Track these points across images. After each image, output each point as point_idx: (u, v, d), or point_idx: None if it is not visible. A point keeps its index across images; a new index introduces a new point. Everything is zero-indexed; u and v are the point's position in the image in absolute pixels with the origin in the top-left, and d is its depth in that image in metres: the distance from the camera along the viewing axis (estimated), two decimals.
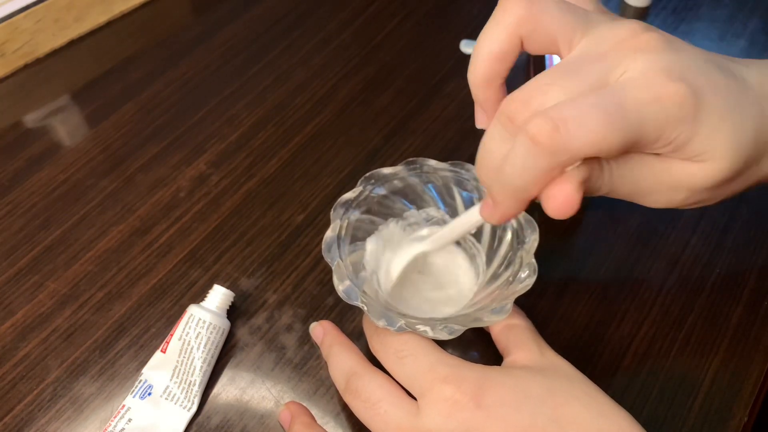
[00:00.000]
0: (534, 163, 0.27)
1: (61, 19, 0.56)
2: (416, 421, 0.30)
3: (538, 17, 0.30)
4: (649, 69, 0.28)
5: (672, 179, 0.30)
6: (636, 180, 0.30)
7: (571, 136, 0.26)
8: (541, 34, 0.30)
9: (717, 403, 0.37)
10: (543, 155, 0.26)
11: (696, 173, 0.30)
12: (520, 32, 0.31)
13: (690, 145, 0.29)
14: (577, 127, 0.26)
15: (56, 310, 0.41)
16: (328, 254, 0.34)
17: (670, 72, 0.28)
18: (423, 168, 0.38)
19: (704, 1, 0.60)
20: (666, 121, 0.28)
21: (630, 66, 0.28)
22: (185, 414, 0.36)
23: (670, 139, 0.28)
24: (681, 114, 0.28)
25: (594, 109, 0.26)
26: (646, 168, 0.30)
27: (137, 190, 0.47)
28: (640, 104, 0.27)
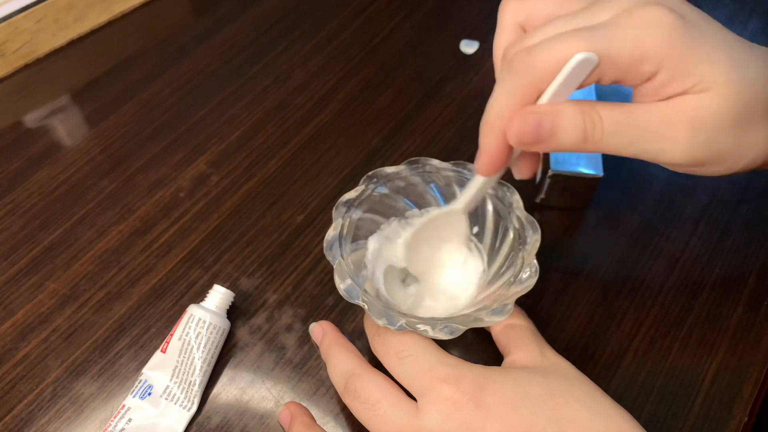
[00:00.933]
0: (508, 86, 0.29)
1: (61, 19, 0.56)
2: (416, 422, 0.30)
3: (530, 3, 0.33)
4: (636, 3, 0.29)
5: (682, 116, 0.29)
6: (638, 122, 0.29)
7: (538, 54, 0.28)
8: (537, 17, 0.32)
9: (717, 403, 0.37)
10: (515, 77, 0.29)
11: (706, 105, 0.28)
12: (518, 21, 0.33)
13: (686, 71, 0.28)
14: (544, 47, 0.28)
15: (56, 310, 0.41)
16: (329, 253, 0.34)
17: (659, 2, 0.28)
18: (425, 167, 0.38)
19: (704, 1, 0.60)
20: (648, 38, 0.28)
21: (617, 5, 0.29)
22: (185, 414, 0.36)
23: (659, 57, 0.28)
24: (663, 32, 0.27)
25: (566, 33, 0.28)
26: (649, 109, 0.29)
27: (137, 190, 0.47)
28: (615, 24, 0.28)
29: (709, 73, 0.28)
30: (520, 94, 0.29)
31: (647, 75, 0.28)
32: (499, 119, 0.30)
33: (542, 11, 0.32)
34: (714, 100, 0.28)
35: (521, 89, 0.29)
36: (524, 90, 0.29)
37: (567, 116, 0.29)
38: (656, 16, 0.28)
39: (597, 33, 0.28)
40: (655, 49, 0.28)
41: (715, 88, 0.28)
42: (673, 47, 0.28)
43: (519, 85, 0.29)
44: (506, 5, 0.33)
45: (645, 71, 0.28)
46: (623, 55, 0.28)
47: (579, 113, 0.29)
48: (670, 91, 0.29)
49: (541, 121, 0.29)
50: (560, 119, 0.29)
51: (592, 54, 0.27)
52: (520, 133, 0.29)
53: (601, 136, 0.29)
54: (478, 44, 0.56)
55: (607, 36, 0.28)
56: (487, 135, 0.30)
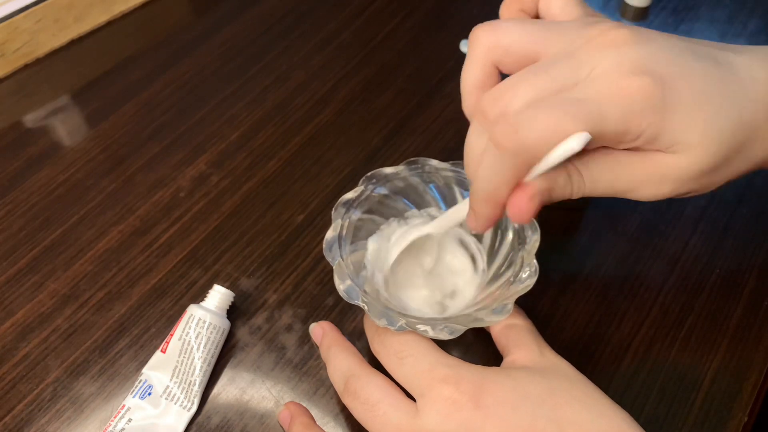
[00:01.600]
0: (500, 166, 0.29)
1: (61, 19, 0.56)
2: (415, 422, 0.30)
3: (504, 40, 0.32)
4: (615, 64, 0.29)
5: (652, 172, 0.30)
6: (613, 179, 0.31)
7: (527, 135, 0.27)
8: (513, 54, 0.32)
9: (717, 403, 0.37)
10: (506, 157, 0.28)
11: (676, 164, 0.30)
12: (492, 59, 0.32)
13: (663, 135, 0.29)
14: (533, 125, 0.27)
15: (56, 310, 0.41)
16: (329, 253, 0.34)
17: (636, 65, 0.28)
18: (425, 168, 0.38)
19: (704, 1, 0.60)
20: (630, 112, 0.28)
21: (598, 63, 0.29)
22: (185, 414, 0.36)
23: (639, 131, 0.29)
24: (645, 106, 0.28)
25: (551, 108, 0.28)
26: (622, 166, 0.30)
27: (137, 190, 0.47)
28: (601, 98, 0.28)
29: (682, 137, 0.29)
30: (514, 172, 0.29)
31: (627, 144, 0.29)
32: (496, 195, 0.30)
33: (518, 50, 0.31)
34: (683, 160, 0.30)
35: (514, 168, 0.29)
36: (518, 170, 0.29)
37: (560, 186, 0.30)
38: (638, 89, 0.28)
39: (585, 108, 0.28)
40: (637, 124, 0.28)
41: (688, 149, 0.29)
42: (654, 119, 0.28)
43: (512, 165, 0.28)
44: (479, 38, 0.32)
45: (626, 140, 0.29)
46: (611, 130, 0.28)
47: (568, 181, 0.30)
48: (644, 148, 0.30)
49: (543, 198, 0.30)
50: (555, 191, 0.30)
51: (586, 135, 0.27)
52: (530, 215, 0.29)
53: (582, 192, 0.31)
54: None
55: (596, 113, 0.28)
56: (485, 207, 0.31)
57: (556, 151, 0.27)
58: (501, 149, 0.28)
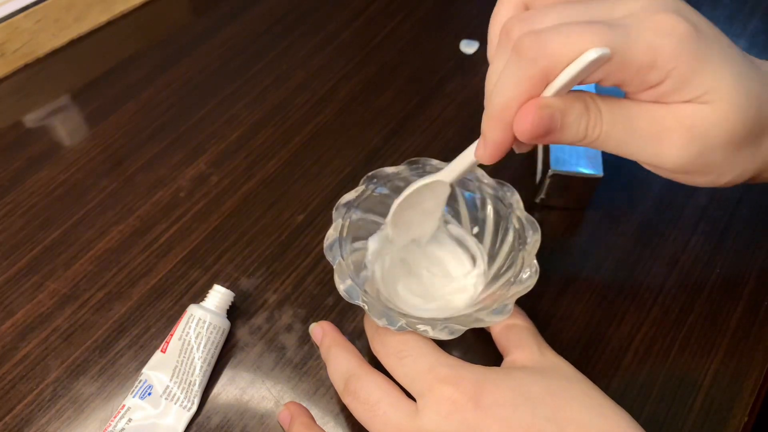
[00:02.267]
0: (517, 75, 0.27)
1: (61, 19, 0.56)
2: (415, 422, 0.30)
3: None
4: (651, 4, 0.28)
5: (679, 123, 0.28)
6: (634, 123, 0.29)
7: (549, 42, 0.26)
8: None
9: (717, 403, 0.37)
10: (522, 64, 0.27)
11: (704, 116, 0.28)
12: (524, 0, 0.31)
13: (694, 80, 0.27)
14: (558, 36, 0.26)
15: (56, 310, 0.41)
16: (329, 253, 0.34)
17: (673, 8, 0.28)
18: (425, 168, 0.38)
19: (704, 1, 0.60)
20: (661, 44, 0.27)
21: (633, 4, 0.28)
22: (185, 414, 0.36)
23: (667, 68, 0.27)
24: (678, 42, 0.27)
25: (579, 24, 0.27)
26: (647, 111, 0.29)
27: (137, 190, 0.47)
28: (632, 26, 0.27)
29: (713, 86, 0.28)
30: (530, 83, 0.27)
31: (653, 83, 0.28)
32: (508, 110, 0.28)
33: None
34: (714, 113, 0.28)
35: (532, 79, 0.27)
36: (535, 80, 0.27)
37: (575, 113, 0.28)
38: (672, 24, 0.27)
39: (613, 31, 0.27)
40: (666, 57, 0.27)
41: (718, 102, 0.28)
42: (683, 58, 0.27)
43: (530, 74, 0.27)
44: None
45: (651, 79, 0.28)
46: (636, 58, 0.27)
47: (585, 110, 0.28)
48: (672, 99, 0.28)
49: (553, 116, 0.28)
50: (569, 116, 0.28)
51: (607, 50, 0.26)
52: (533, 128, 0.28)
53: (599, 134, 0.29)
54: (478, 44, 0.56)
55: (622, 36, 0.27)
56: (495, 127, 0.29)
57: (574, 63, 0.26)
58: (521, 55, 0.27)
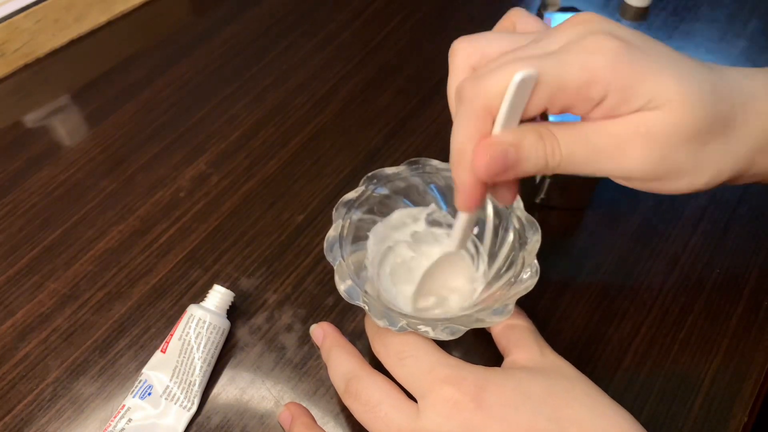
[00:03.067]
0: (464, 119, 0.29)
1: (61, 19, 0.56)
2: (416, 423, 0.30)
3: (480, 45, 0.32)
4: (582, 32, 0.29)
5: (636, 130, 0.28)
6: (592, 141, 0.29)
7: (485, 81, 0.28)
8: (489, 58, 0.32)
9: (717, 403, 0.37)
10: (467, 107, 0.29)
11: (657, 120, 0.28)
12: (470, 64, 0.32)
13: (636, 89, 0.28)
14: (492, 74, 0.28)
15: (56, 310, 0.41)
16: (330, 254, 0.34)
17: (603, 31, 0.29)
18: (425, 168, 0.38)
19: (704, 1, 0.60)
20: (594, 63, 0.28)
21: (566, 36, 0.29)
22: (185, 414, 0.36)
23: (606, 82, 0.27)
24: (610, 57, 0.28)
25: (514, 60, 0.28)
26: (602, 128, 0.29)
27: (137, 190, 0.47)
28: (564, 52, 0.28)
29: (659, 91, 0.28)
30: (475, 122, 0.29)
31: (596, 100, 0.28)
32: (464, 153, 0.29)
33: (495, 50, 0.32)
34: (667, 115, 0.28)
35: (475, 117, 0.28)
36: (478, 117, 0.28)
37: (529, 143, 0.29)
38: (600, 43, 0.28)
39: (544, 58, 0.28)
40: (601, 72, 0.28)
41: (667, 104, 0.28)
42: (619, 70, 0.28)
43: (472, 113, 0.28)
44: (457, 48, 0.33)
45: (593, 96, 0.28)
46: (572, 78, 0.28)
47: (539, 140, 0.29)
48: (622, 112, 0.29)
49: (506, 151, 0.29)
50: (523, 148, 0.29)
51: (531, 70, 0.27)
52: (488, 166, 0.29)
53: (560, 159, 0.29)
54: None
55: (554, 60, 0.28)
56: (458, 172, 0.30)
57: (507, 92, 0.27)
58: (462, 99, 0.29)
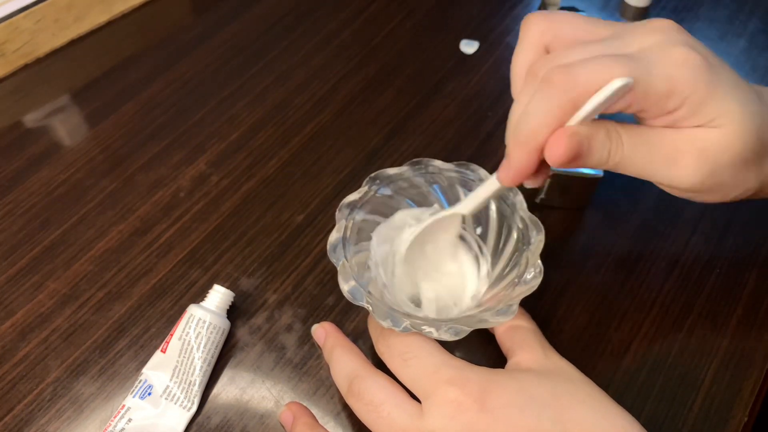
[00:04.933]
0: (547, 104, 0.29)
1: (61, 19, 0.56)
2: (420, 423, 0.30)
3: (556, 26, 0.33)
4: (665, 40, 0.30)
5: (692, 146, 0.31)
6: (651, 147, 0.31)
7: (578, 74, 0.29)
8: (564, 40, 0.33)
9: (717, 403, 0.37)
10: (552, 93, 0.29)
11: (716, 139, 0.31)
12: (543, 42, 0.33)
13: (706, 106, 0.30)
14: (586, 68, 0.29)
15: (56, 310, 0.41)
16: (333, 255, 0.34)
17: (686, 43, 0.30)
18: (428, 168, 0.38)
19: (704, 1, 0.60)
20: (678, 75, 0.29)
21: (646, 41, 0.31)
22: (185, 414, 0.36)
23: (684, 96, 0.30)
24: (693, 72, 0.29)
25: (606, 57, 0.29)
26: (662, 136, 0.31)
27: (137, 190, 0.47)
28: (651, 59, 0.29)
29: (722, 112, 0.30)
30: (560, 111, 0.29)
31: (670, 109, 0.30)
32: (538, 136, 0.30)
33: (569, 35, 0.33)
34: (724, 136, 0.31)
35: (562, 108, 0.29)
36: (565, 109, 0.29)
37: (600, 139, 0.31)
38: (686, 56, 0.30)
39: (635, 62, 0.29)
40: (683, 86, 0.30)
41: (727, 125, 0.30)
42: (698, 86, 0.30)
43: (560, 103, 0.29)
44: (532, 23, 0.34)
45: (669, 106, 0.30)
46: (657, 87, 0.29)
47: (607, 137, 0.31)
48: (686, 124, 0.31)
49: (581, 143, 0.30)
50: (595, 141, 0.31)
51: (631, 79, 0.29)
52: (564, 154, 0.30)
53: (621, 158, 0.31)
54: (478, 44, 0.56)
55: (644, 67, 0.29)
56: (521, 151, 0.31)
57: (600, 92, 0.28)
58: (552, 85, 0.29)
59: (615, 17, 0.59)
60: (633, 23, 0.32)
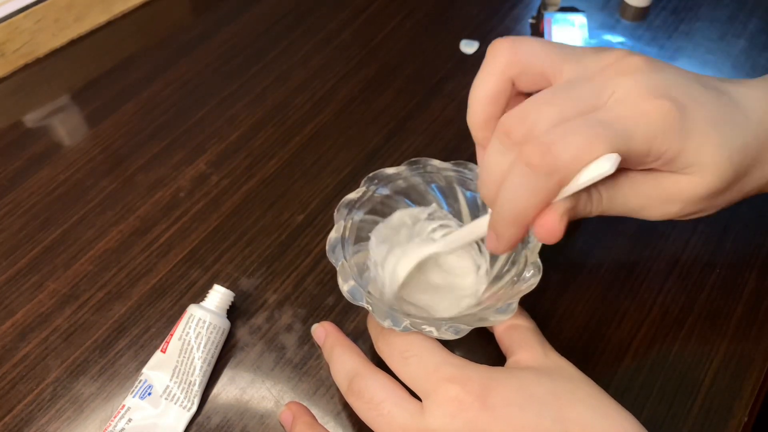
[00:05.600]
0: (530, 186, 0.29)
1: (61, 19, 0.56)
2: (421, 422, 0.30)
3: (524, 58, 0.32)
4: (634, 88, 0.30)
5: (664, 193, 0.32)
6: (627, 199, 0.32)
7: (560, 155, 0.28)
8: (530, 73, 0.32)
9: (717, 403, 0.37)
10: (537, 177, 0.28)
11: (688, 185, 0.31)
12: (509, 74, 0.33)
13: (680, 157, 0.30)
14: (565, 146, 0.28)
15: (56, 310, 0.41)
16: (332, 255, 0.34)
17: (655, 89, 0.30)
18: (426, 168, 0.38)
19: (704, 1, 0.60)
20: (653, 134, 0.29)
21: (617, 88, 0.30)
22: (185, 414, 0.36)
23: (660, 152, 0.30)
24: (666, 127, 0.29)
25: (581, 128, 0.28)
26: (636, 186, 0.32)
27: (137, 190, 0.47)
28: (626, 121, 0.29)
29: (697, 159, 0.30)
30: (546, 194, 0.29)
31: (646, 166, 0.31)
32: (525, 217, 0.30)
33: (536, 69, 0.32)
34: (696, 181, 0.31)
35: (548, 191, 0.29)
36: (550, 191, 0.29)
37: (582, 202, 0.31)
38: (661, 111, 0.29)
39: (614, 133, 0.28)
40: (659, 144, 0.30)
41: (698, 172, 0.31)
42: (672, 142, 0.30)
43: (546, 187, 0.29)
44: (499, 50, 0.32)
45: (645, 162, 0.30)
46: (636, 151, 0.29)
47: (589, 199, 0.31)
48: (660, 169, 0.31)
49: (567, 216, 0.30)
50: (578, 208, 0.31)
51: (618, 157, 0.28)
52: (556, 233, 0.30)
53: (600, 211, 0.32)
54: (478, 44, 0.56)
55: (623, 136, 0.29)
56: (510, 229, 0.31)
57: (588, 172, 0.28)
58: (534, 168, 0.28)
59: (615, 17, 0.59)
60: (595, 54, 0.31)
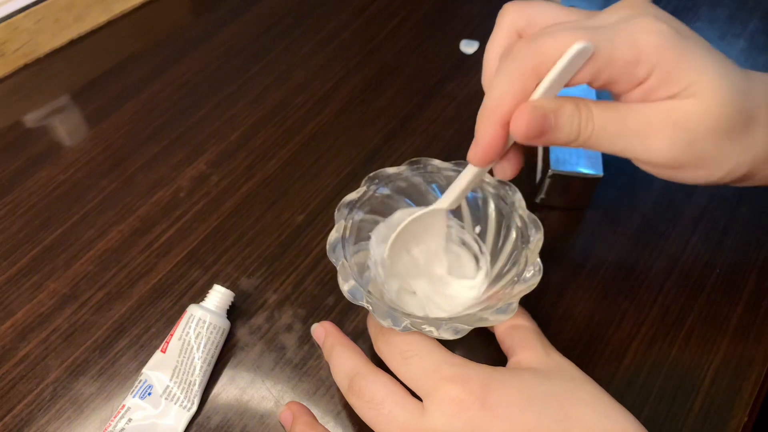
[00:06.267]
0: (509, 73, 0.29)
1: (61, 19, 0.56)
2: (421, 421, 0.30)
3: (530, 11, 0.33)
4: (631, 13, 0.30)
5: (666, 117, 0.30)
6: (623, 121, 0.30)
7: (541, 43, 0.29)
8: (536, 25, 0.33)
9: (717, 403, 0.37)
10: (516, 62, 0.29)
11: (689, 109, 0.30)
12: (516, 27, 0.33)
13: (676, 75, 0.29)
14: (547, 38, 0.29)
15: (56, 310, 0.41)
16: (332, 255, 0.34)
17: (652, 14, 0.30)
18: (427, 168, 0.38)
19: (704, 1, 0.60)
20: (643, 42, 0.29)
21: (615, 16, 0.31)
22: (185, 414, 0.36)
23: (651, 64, 0.29)
24: (660, 39, 0.29)
25: (567, 27, 0.29)
26: (635, 109, 0.30)
27: (137, 190, 0.47)
28: (616, 28, 0.29)
29: (696, 80, 0.29)
30: (522, 79, 0.29)
31: (639, 79, 0.30)
32: (501, 106, 0.30)
33: (542, 20, 0.33)
34: (698, 105, 0.30)
35: (524, 74, 0.29)
36: (525, 76, 0.29)
37: (567, 113, 0.30)
38: (652, 25, 0.29)
39: (597, 30, 0.29)
40: (649, 52, 0.29)
41: (701, 94, 0.29)
42: (666, 53, 0.29)
43: (522, 70, 0.29)
44: (506, 11, 0.34)
45: (638, 75, 0.30)
46: (620, 54, 0.29)
47: (576, 111, 0.30)
48: (658, 96, 0.30)
49: (546, 116, 0.30)
50: (562, 116, 0.30)
51: (590, 43, 0.28)
52: (527, 127, 0.29)
53: (591, 134, 0.31)
54: (478, 44, 0.56)
55: (606, 34, 0.29)
56: (486, 123, 0.30)
57: (561, 60, 0.28)
58: (514, 55, 0.29)
59: None
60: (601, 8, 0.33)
